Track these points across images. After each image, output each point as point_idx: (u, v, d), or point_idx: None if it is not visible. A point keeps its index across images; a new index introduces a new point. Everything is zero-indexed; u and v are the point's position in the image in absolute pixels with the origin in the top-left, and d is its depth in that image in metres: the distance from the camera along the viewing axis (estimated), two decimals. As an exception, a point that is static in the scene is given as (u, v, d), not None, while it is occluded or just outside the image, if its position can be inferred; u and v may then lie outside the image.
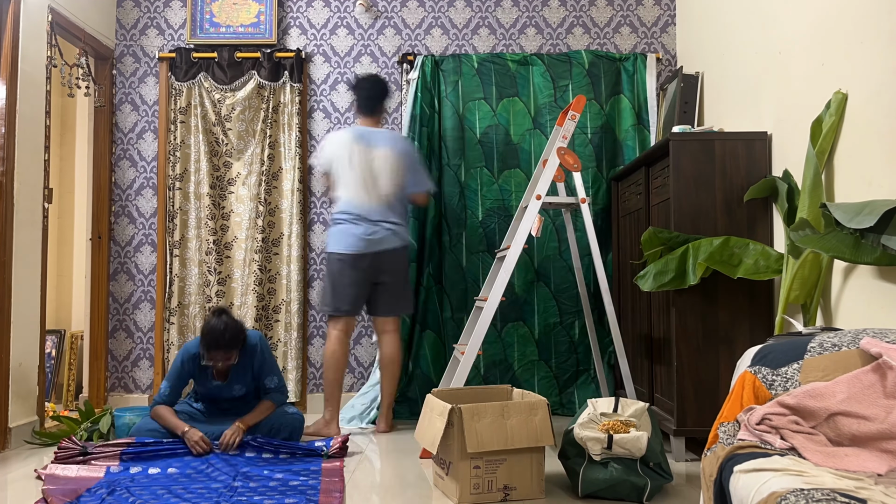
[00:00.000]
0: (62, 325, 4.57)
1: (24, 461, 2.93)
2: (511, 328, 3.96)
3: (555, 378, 3.95)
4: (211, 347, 2.89)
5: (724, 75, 3.41)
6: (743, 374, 1.82)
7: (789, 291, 2.49)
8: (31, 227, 3.33)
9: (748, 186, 2.87)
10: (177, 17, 4.14)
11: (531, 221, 3.12)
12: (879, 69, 2.19)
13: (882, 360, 1.64)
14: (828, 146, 2.43)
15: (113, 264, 4.08)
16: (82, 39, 3.79)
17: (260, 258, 3.97)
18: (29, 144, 3.31)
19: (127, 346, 4.05)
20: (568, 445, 2.44)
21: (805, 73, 2.65)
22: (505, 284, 3.08)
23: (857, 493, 1.29)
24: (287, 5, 4.14)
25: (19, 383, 3.21)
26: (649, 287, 2.73)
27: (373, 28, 4.14)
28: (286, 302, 3.99)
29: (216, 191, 4.05)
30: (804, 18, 2.65)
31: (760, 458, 1.51)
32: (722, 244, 2.69)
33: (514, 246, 3.11)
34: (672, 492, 2.45)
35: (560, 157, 3.21)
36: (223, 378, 3.05)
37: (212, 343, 2.88)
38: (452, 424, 2.35)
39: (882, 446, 1.55)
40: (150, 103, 4.12)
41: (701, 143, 2.90)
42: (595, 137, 4.01)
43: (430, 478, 2.67)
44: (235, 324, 2.92)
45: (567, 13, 4.15)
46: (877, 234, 1.92)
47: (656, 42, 4.14)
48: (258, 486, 2.47)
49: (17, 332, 3.19)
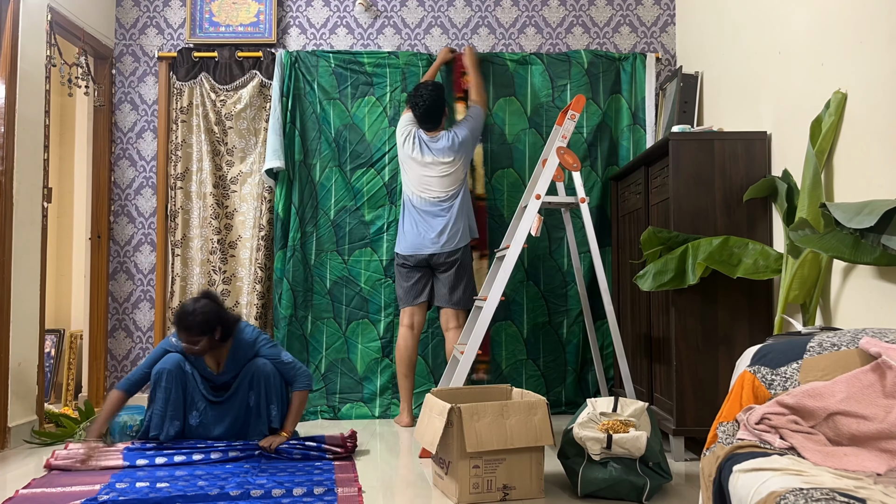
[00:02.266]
0: (61, 324, 4.57)
1: (24, 461, 2.93)
2: (499, 327, 3.97)
3: (542, 377, 3.95)
4: (178, 327, 2.91)
5: (724, 75, 3.41)
6: (742, 374, 1.82)
7: (789, 291, 2.49)
8: (30, 227, 3.33)
9: (748, 186, 2.87)
10: (176, 16, 4.14)
11: (531, 221, 3.12)
12: (879, 69, 2.20)
13: (881, 359, 1.64)
14: (827, 146, 2.43)
15: (112, 264, 4.08)
16: (82, 39, 3.78)
17: (264, 258, 3.97)
18: (28, 144, 3.31)
19: (126, 345, 4.05)
20: (567, 445, 2.44)
21: (805, 72, 2.65)
22: (504, 284, 3.09)
23: (856, 492, 1.29)
24: (287, 5, 4.14)
25: (19, 383, 3.21)
26: (649, 287, 2.73)
27: (372, 28, 4.14)
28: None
29: (219, 190, 4.05)
30: (804, 18, 2.65)
31: (760, 457, 1.51)
32: (721, 244, 2.69)
33: (514, 245, 3.11)
34: (671, 491, 2.45)
35: (560, 157, 3.22)
36: (215, 367, 3.08)
37: (178, 322, 2.90)
38: (452, 424, 2.35)
39: (881, 446, 1.55)
40: (149, 103, 4.12)
41: (700, 142, 2.90)
42: (591, 136, 4.01)
43: (429, 477, 2.67)
44: (211, 311, 2.91)
45: (567, 13, 4.15)
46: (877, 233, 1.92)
47: (656, 42, 4.14)
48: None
49: (16, 332, 3.19)
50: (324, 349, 3.94)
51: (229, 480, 2.50)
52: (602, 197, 4.01)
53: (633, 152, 4.01)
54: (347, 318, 3.96)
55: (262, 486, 2.41)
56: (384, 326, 3.95)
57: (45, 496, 2.39)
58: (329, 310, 3.95)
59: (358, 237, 3.99)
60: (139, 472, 2.65)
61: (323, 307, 3.95)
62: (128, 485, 2.46)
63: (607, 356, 3.97)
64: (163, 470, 2.69)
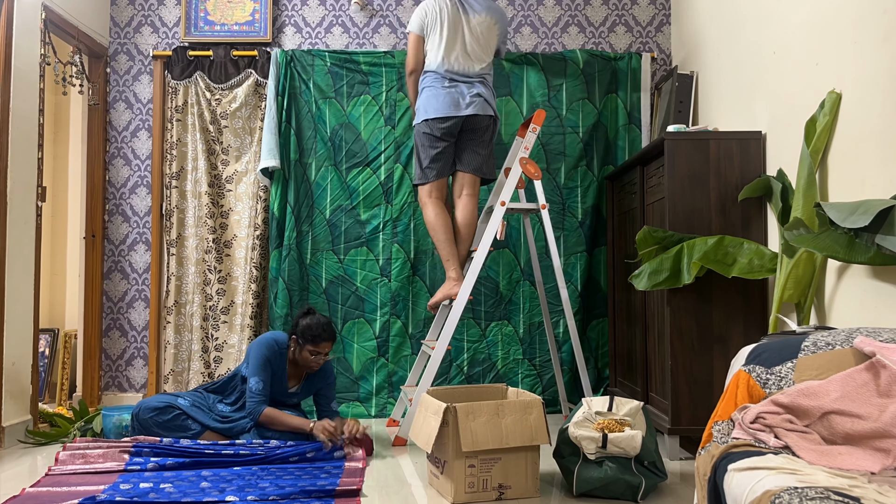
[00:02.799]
0: (56, 323, 4.55)
1: (18, 460, 2.92)
2: (495, 327, 3.98)
3: (538, 376, 3.96)
4: (322, 339, 2.99)
5: (719, 75, 3.41)
6: (737, 373, 1.82)
7: (783, 290, 2.49)
8: (24, 226, 3.31)
9: (742, 186, 2.88)
10: (171, 15, 4.13)
11: (496, 225, 3.32)
12: (873, 69, 2.20)
13: (875, 358, 1.64)
14: (822, 146, 2.44)
15: (107, 263, 4.06)
16: (76, 37, 3.77)
17: (260, 257, 3.97)
18: (22, 142, 3.29)
19: (121, 345, 4.04)
20: (563, 444, 2.44)
21: (799, 72, 2.65)
22: (472, 283, 3.25)
23: (850, 491, 1.29)
24: (282, 3, 4.13)
25: (13, 382, 3.19)
26: (644, 286, 2.74)
27: (368, 27, 4.14)
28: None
29: (214, 189, 4.04)
30: (799, 18, 2.66)
31: (754, 456, 1.51)
32: (716, 243, 2.69)
33: (481, 248, 3.31)
34: (666, 490, 2.45)
35: (523, 167, 3.42)
36: (297, 383, 3.14)
37: (323, 335, 2.99)
38: (447, 423, 2.35)
39: (875, 445, 1.55)
40: (144, 101, 4.11)
41: (695, 142, 2.91)
42: (586, 136, 4.02)
43: (425, 477, 2.67)
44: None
45: (562, 12, 4.15)
46: (871, 233, 1.93)
47: (651, 41, 4.15)
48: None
49: (10, 331, 3.18)
50: None
51: (233, 483, 2.49)
52: (597, 196, 4.02)
53: (628, 152, 4.02)
54: (343, 318, 3.96)
55: (262, 490, 2.39)
56: (380, 326, 3.95)
57: (48, 495, 2.38)
58: (325, 309, 3.95)
59: (353, 236, 3.99)
60: (145, 474, 2.63)
61: (319, 307, 3.94)
62: (132, 486, 2.45)
63: (603, 355, 3.99)
64: (169, 472, 2.67)
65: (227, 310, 4.00)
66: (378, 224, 3.99)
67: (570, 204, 4.01)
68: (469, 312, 3.96)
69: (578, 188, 4.00)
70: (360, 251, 3.98)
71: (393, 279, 3.96)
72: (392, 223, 3.98)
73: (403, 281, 3.96)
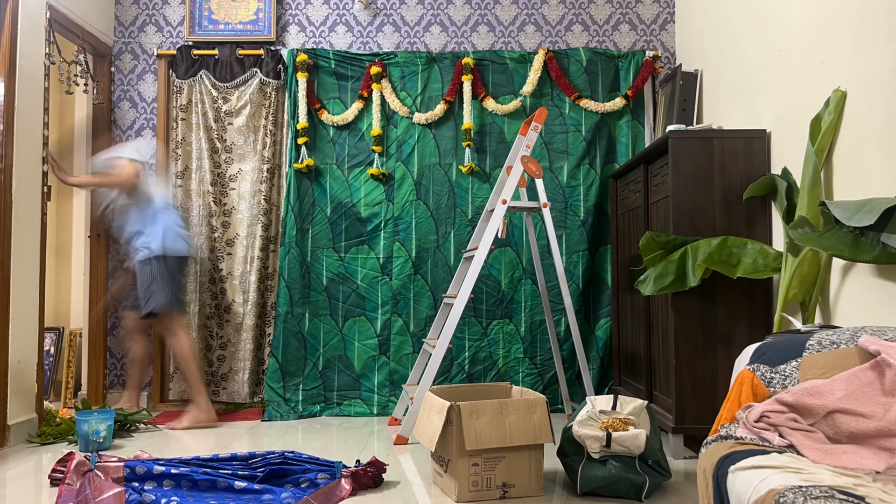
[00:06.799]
0: (61, 322, 4.57)
1: (24, 459, 2.93)
2: (497, 325, 3.98)
3: (539, 375, 3.96)
4: None
5: (723, 73, 3.41)
6: (742, 372, 1.82)
7: (788, 289, 2.49)
8: (30, 225, 3.32)
9: (747, 184, 2.87)
10: (175, 14, 4.13)
11: (497, 224, 3.32)
12: (878, 67, 2.20)
13: (880, 357, 1.64)
14: (827, 144, 2.43)
15: (112, 261, 4.07)
16: (81, 37, 3.78)
17: (261, 255, 3.97)
18: (27, 142, 3.30)
19: (126, 343, 4.04)
20: (567, 443, 2.44)
21: (804, 70, 2.65)
22: (473, 282, 3.24)
23: (855, 490, 1.29)
24: (286, 2, 4.13)
25: (18, 381, 3.21)
26: (650, 291, 2.73)
27: (371, 25, 4.14)
28: (285, 299, 3.99)
29: (217, 188, 4.05)
30: (803, 16, 2.65)
31: (759, 455, 1.51)
32: (720, 244, 2.69)
33: (482, 246, 3.30)
34: (670, 489, 2.45)
35: (524, 165, 3.40)
36: None
37: None
38: (451, 422, 2.35)
39: (880, 444, 1.55)
40: (148, 101, 4.11)
41: (700, 140, 2.90)
42: (590, 134, 4.02)
43: (429, 475, 2.67)
44: None
45: (566, 10, 4.15)
46: (876, 232, 1.93)
47: (655, 40, 4.14)
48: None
49: (15, 330, 3.19)
50: (321, 346, 3.94)
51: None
52: (601, 195, 4.01)
53: (632, 150, 4.01)
54: (344, 316, 3.97)
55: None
56: (381, 324, 3.95)
57: None
58: (326, 307, 3.96)
59: (354, 234, 3.99)
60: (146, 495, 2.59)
61: (320, 304, 3.95)
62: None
63: (608, 356, 3.98)
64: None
65: (230, 308, 4.01)
66: (379, 222, 3.99)
67: (572, 202, 4.00)
68: (471, 311, 3.97)
69: (581, 187, 4.00)
70: (361, 249, 3.99)
71: (394, 277, 3.97)
72: (393, 221, 3.99)
73: (405, 279, 3.97)
